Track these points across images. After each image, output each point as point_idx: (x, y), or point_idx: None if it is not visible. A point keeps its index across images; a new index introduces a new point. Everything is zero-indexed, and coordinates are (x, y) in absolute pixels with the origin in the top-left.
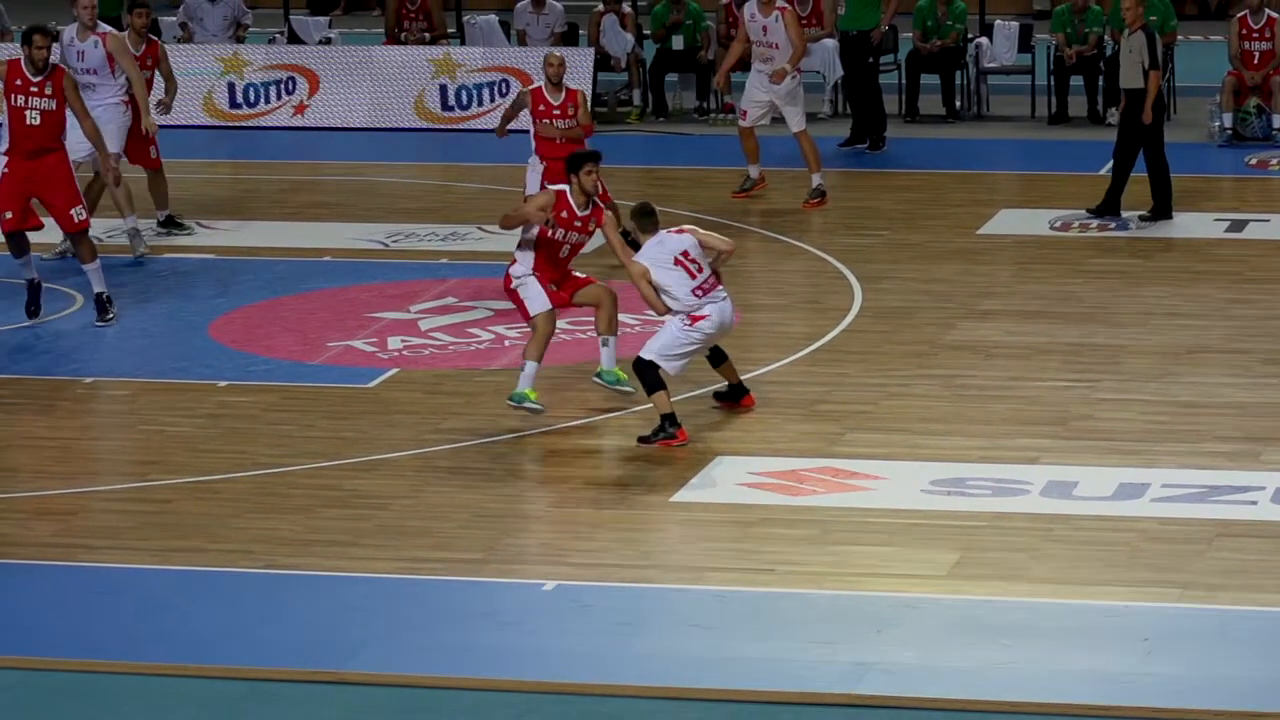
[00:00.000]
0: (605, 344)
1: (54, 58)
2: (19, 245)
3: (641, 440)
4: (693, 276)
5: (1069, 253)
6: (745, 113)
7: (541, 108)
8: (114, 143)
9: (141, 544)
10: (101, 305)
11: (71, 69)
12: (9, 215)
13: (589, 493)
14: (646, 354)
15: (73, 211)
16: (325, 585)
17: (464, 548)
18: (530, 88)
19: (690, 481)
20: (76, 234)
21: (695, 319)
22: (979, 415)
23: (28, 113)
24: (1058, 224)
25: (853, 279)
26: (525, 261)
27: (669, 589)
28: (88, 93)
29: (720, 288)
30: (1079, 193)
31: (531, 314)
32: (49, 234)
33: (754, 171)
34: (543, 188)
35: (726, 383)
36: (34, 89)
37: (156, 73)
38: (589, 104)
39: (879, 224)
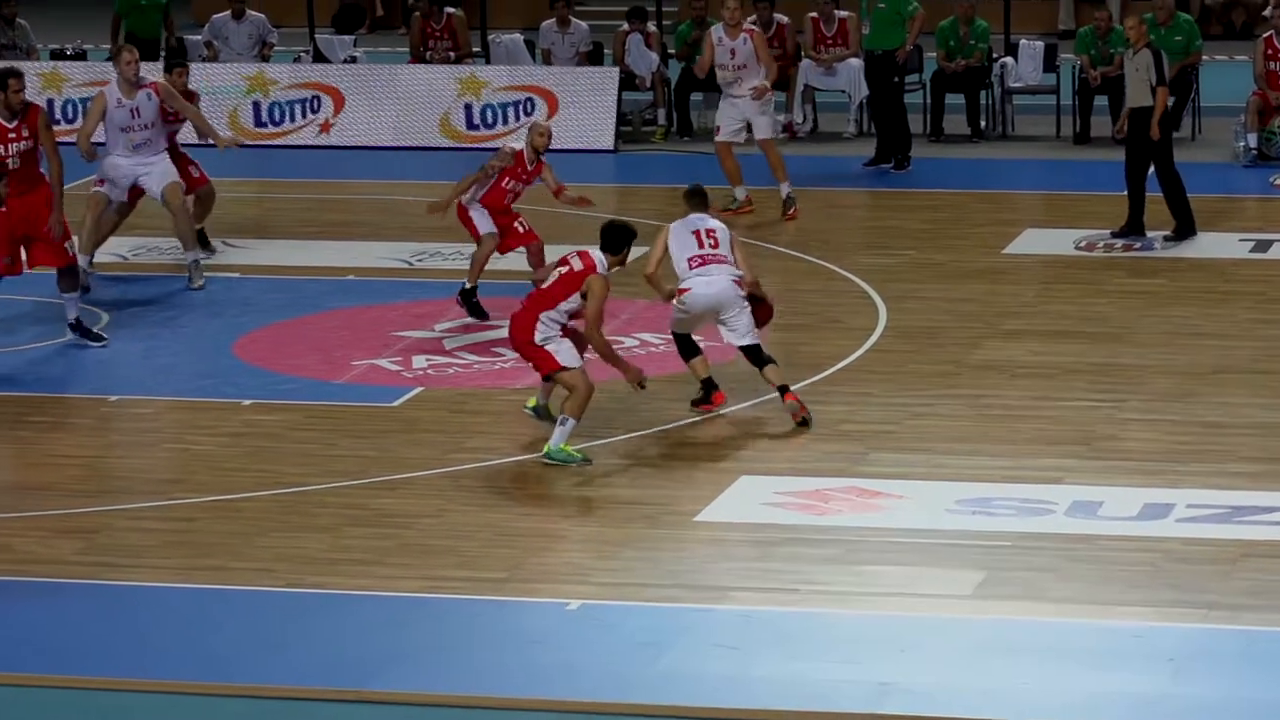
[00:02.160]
0: (562, 423)
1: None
2: (67, 282)
3: (694, 404)
4: (699, 246)
5: (1094, 273)
6: (718, 129)
7: (519, 170)
8: (176, 175)
9: (165, 562)
10: (82, 329)
11: (128, 129)
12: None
13: (613, 512)
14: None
15: (66, 245)
16: (349, 604)
17: (488, 567)
18: (512, 149)
19: (714, 501)
20: (66, 267)
21: (680, 291)
22: (1004, 435)
23: (9, 160)
24: (1082, 244)
25: (877, 298)
26: (549, 326)
27: (693, 608)
28: (144, 150)
29: (719, 267)
30: (1104, 213)
31: (566, 367)
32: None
33: (740, 193)
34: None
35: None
36: (11, 134)
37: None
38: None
39: (904, 243)
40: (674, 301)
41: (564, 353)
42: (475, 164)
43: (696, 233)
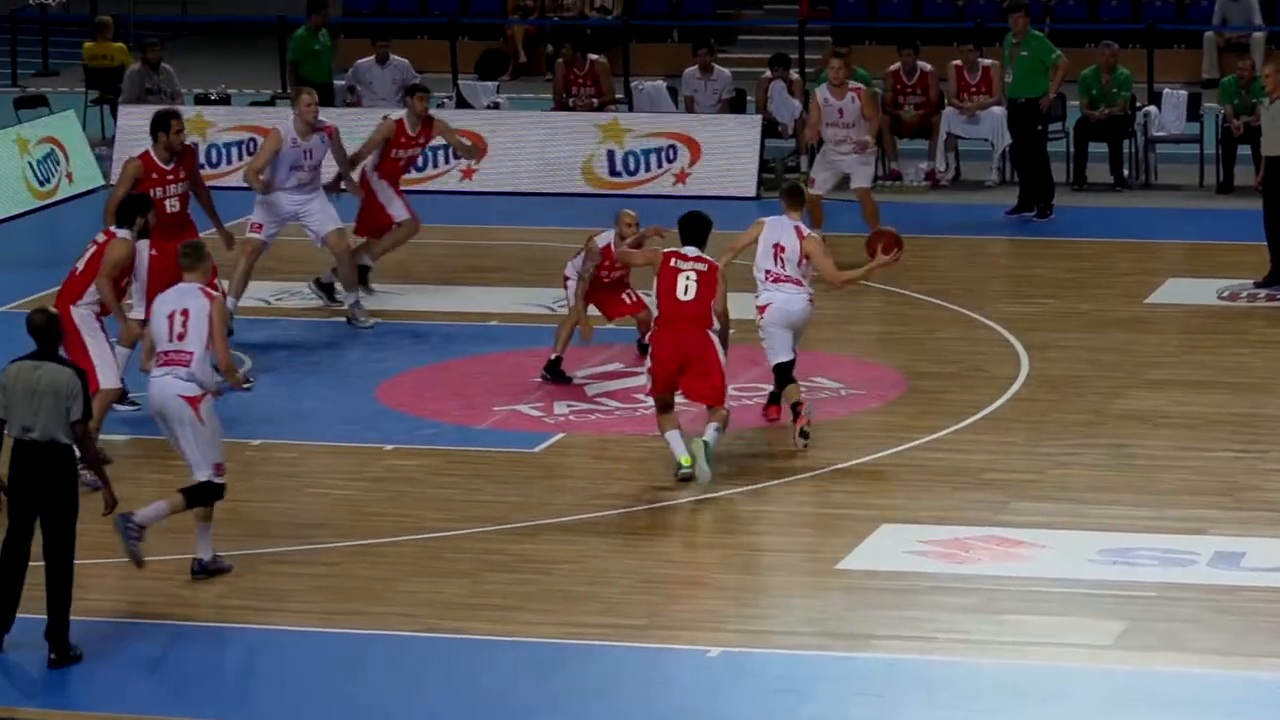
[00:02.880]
0: (720, 428)
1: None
2: None
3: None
4: (773, 264)
5: (1237, 323)
6: (813, 180)
7: (607, 263)
8: (339, 220)
9: (307, 606)
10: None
11: (297, 168)
12: None
13: (754, 559)
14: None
15: (217, 281)
16: (490, 650)
17: (629, 613)
18: (601, 243)
19: (856, 549)
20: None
21: (760, 308)
22: (1146, 485)
23: (167, 202)
24: (1225, 294)
25: (1019, 347)
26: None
27: (834, 656)
28: (306, 189)
29: (793, 285)
30: (1247, 262)
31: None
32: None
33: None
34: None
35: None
36: (169, 177)
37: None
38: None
39: (1046, 292)
40: (761, 322)
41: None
42: (613, 211)
43: (774, 246)
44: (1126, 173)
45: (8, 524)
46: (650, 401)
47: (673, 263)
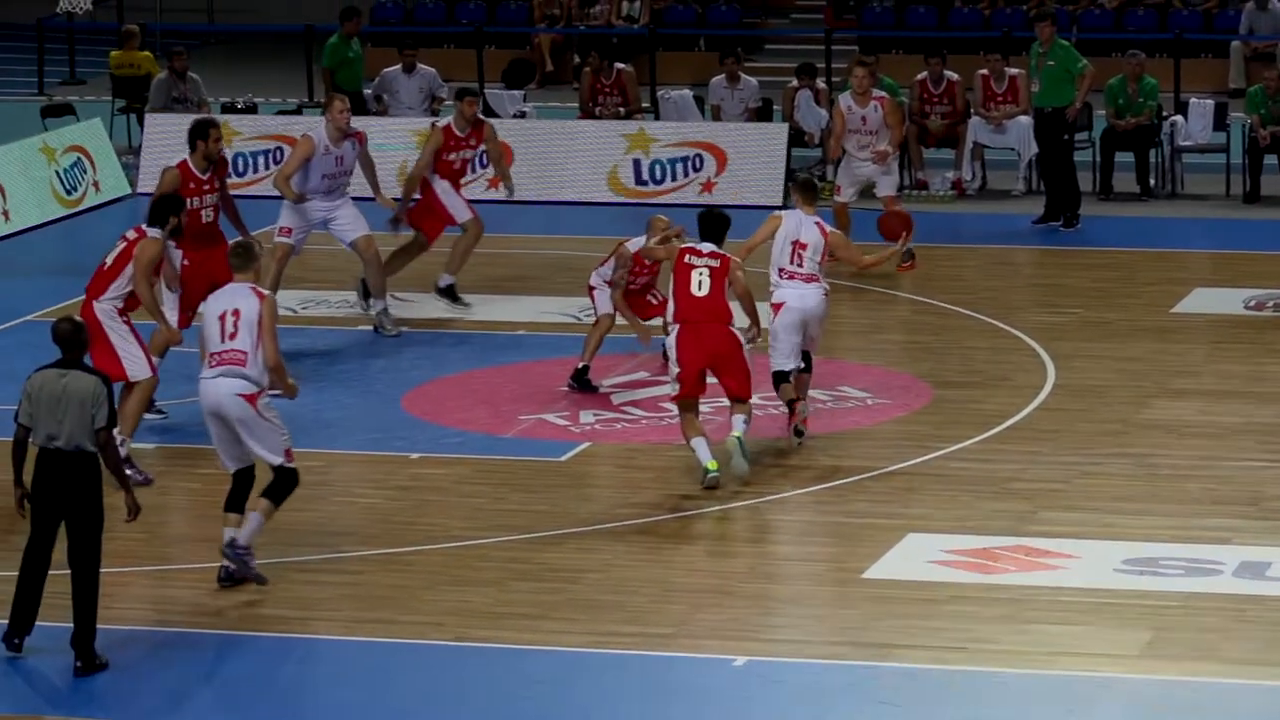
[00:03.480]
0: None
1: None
2: None
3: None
4: (790, 261)
5: (1263, 332)
6: (839, 188)
7: (636, 268)
8: (367, 226)
9: (334, 615)
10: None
11: (330, 175)
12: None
13: (780, 568)
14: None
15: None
16: (516, 658)
17: (655, 622)
18: (632, 249)
19: (882, 558)
20: None
21: (775, 307)
22: (1172, 495)
23: (202, 211)
24: (1252, 303)
25: (1045, 356)
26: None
27: (860, 665)
28: (335, 195)
29: (810, 282)
30: (1274, 272)
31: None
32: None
33: None
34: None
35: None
36: (205, 186)
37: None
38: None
39: (1072, 301)
40: (774, 321)
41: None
42: (643, 219)
43: (794, 244)
44: (1153, 182)
45: (30, 530)
46: (676, 410)
47: (687, 259)
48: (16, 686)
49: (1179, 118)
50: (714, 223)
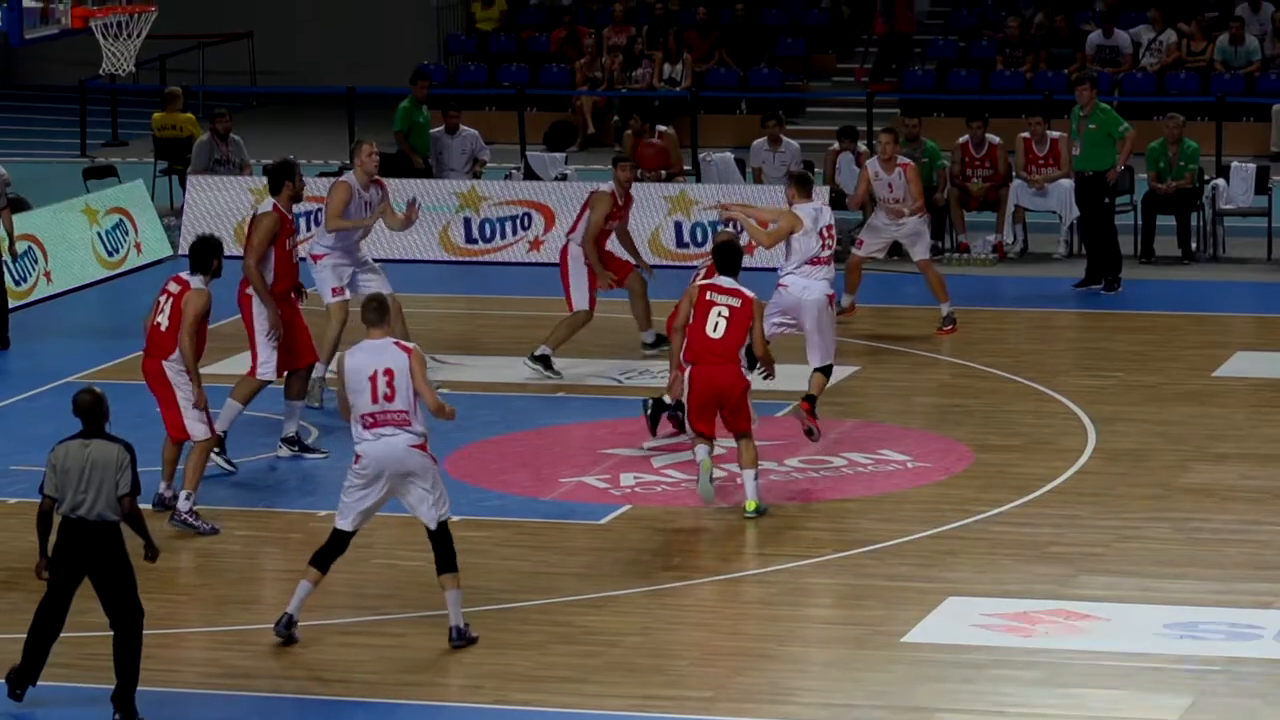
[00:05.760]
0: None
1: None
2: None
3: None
4: (821, 248)
5: None
6: (861, 242)
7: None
8: (389, 285)
9: (374, 678)
10: (300, 443)
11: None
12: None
13: (819, 631)
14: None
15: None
16: None
17: (694, 686)
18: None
19: (921, 622)
20: (306, 366)
21: (779, 285)
22: (1212, 559)
23: (293, 252)
24: None
25: (1086, 420)
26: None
27: None
28: (359, 250)
29: (824, 268)
30: None
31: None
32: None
33: (845, 300)
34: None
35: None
36: (291, 226)
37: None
38: None
39: (1113, 365)
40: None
41: None
42: (684, 281)
43: (823, 232)
44: (1194, 246)
45: (46, 590)
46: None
47: (708, 296)
48: None
49: (1221, 181)
50: (730, 255)
